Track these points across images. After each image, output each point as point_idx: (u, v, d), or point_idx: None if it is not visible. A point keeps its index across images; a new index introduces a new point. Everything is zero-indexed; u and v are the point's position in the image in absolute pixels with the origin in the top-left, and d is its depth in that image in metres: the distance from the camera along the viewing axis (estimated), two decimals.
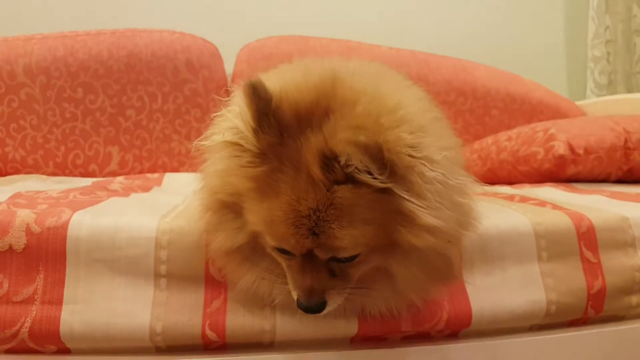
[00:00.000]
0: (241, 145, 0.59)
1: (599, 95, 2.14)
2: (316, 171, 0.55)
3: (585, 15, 2.18)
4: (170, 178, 1.35)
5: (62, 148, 1.52)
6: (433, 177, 0.57)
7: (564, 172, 1.33)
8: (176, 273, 0.71)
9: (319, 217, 0.56)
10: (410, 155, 0.56)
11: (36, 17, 1.79)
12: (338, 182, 0.56)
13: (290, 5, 1.99)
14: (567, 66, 2.28)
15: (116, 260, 0.69)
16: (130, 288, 0.69)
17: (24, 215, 0.69)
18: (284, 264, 0.64)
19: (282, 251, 0.61)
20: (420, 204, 0.56)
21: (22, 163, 1.49)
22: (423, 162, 0.57)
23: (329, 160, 0.54)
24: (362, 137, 0.52)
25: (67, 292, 0.68)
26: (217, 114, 0.66)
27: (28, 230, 0.68)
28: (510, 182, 1.46)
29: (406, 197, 0.56)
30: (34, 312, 0.67)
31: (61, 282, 0.68)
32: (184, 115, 1.60)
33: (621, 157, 1.33)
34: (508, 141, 1.49)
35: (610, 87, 2.14)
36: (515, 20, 2.20)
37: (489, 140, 1.59)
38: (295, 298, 0.62)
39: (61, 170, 1.52)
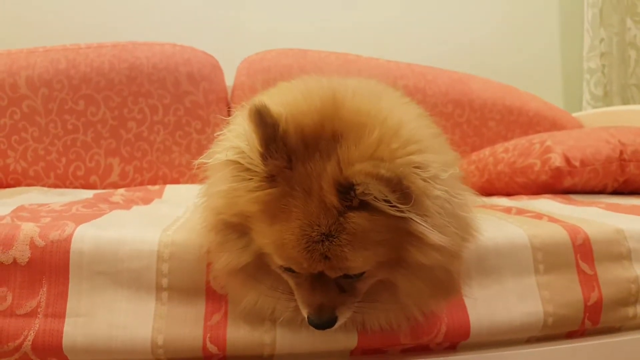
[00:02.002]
0: (245, 167, 0.60)
1: (595, 107, 2.16)
2: (331, 198, 0.56)
3: (580, 28, 2.21)
4: (170, 190, 1.35)
5: (63, 160, 1.53)
6: (439, 195, 0.58)
7: (561, 184, 1.34)
8: (177, 286, 0.72)
9: (331, 242, 0.56)
10: (422, 179, 0.57)
11: (38, 30, 1.81)
12: (352, 208, 0.56)
13: (289, 18, 2.01)
14: (563, 78, 2.31)
15: (118, 273, 0.70)
16: (132, 301, 0.70)
17: (28, 229, 0.70)
18: (291, 282, 0.65)
19: (291, 270, 0.62)
20: (429, 225, 0.57)
21: (23, 174, 1.50)
22: (431, 181, 0.58)
23: (344, 188, 0.55)
24: (384, 171, 0.52)
25: (70, 305, 0.68)
26: (219, 133, 0.67)
27: (32, 244, 0.69)
28: (507, 193, 1.47)
29: (417, 220, 0.57)
30: (37, 325, 0.67)
31: (64, 295, 0.69)
32: (184, 127, 1.61)
33: (617, 168, 1.35)
34: (505, 153, 1.50)
35: (606, 99, 2.16)
36: (511, 33, 2.23)
37: (487, 151, 1.61)
38: (306, 315, 0.63)
39: (62, 181, 1.53)
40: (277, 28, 1.99)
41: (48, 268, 0.69)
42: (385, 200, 0.55)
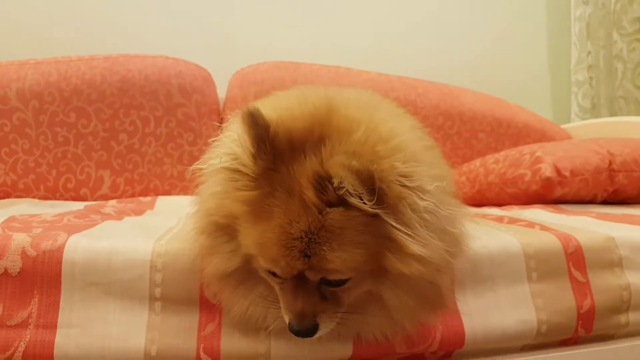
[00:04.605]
0: (238, 170, 0.61)
1: (583, 119, 2.19)
2: (309, 193, 0.56)
3: (567, 41, 2.25)
4: (162, 201, 1.35)
5: (54, 172, 1.51)
6: (424, 207, 0.58)
7: (551, 194, 1.36)
8: (171, 296, 0.71)
9: (310, 239, 0.57)
10: (402, 185, 0.57)
11: (28, 43, 1.80)
12: (330, 205, 0.57)
13: (282, 31, 2.03)
14: (551, 91, 2.34)
15: (111, 283, 0.69)
16: (125, 311, 0.69)
17: (20, 239, 0.69)
18: (276, 288, 0.65)
19: (274, 274, 0.62)
20: (408, 234, 0.57)
21: (12, 187, 1.49)
22: (415, 191, 0.58)
23: (322, 181, 0.56)
24: (355, 163, 0.53)
25: (62, 316, 0.67)
26: (214, 139, 0.68)
27: (24, 254, 0.68)
28: (498, 204, 1.48)
29: (395, 225, 0.57)
30: (28, 337, 0.66)
31: (56, 306, 0.68)
32: (176, 139, 1.61)
33: (606, 179, 1.37)
34: (495, 164, 1.52)
35: (593, 111, 2.19)
36: (500, 48, 2.26)
37: (477, 162, 1.62)
38: (287, 322, 0.63)
39: (52, 194, 1.51)
40: (269, 41, 2.01)
41: (40, 278, 0.68)
42: (360, 197, 0.55)
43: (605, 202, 1.41)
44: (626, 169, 1.37)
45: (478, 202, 1.54)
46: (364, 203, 0.55)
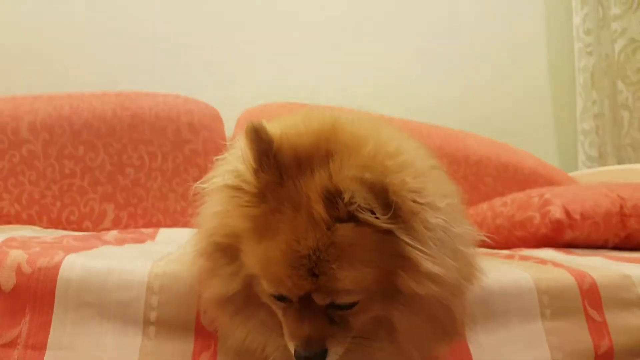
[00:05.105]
0: (240, 187, 0.59)
1: (590, 168, 2.18)
2: (318, 208, 0.55)
3: (573, 90, 2.27)
4: (164, 233, 1.33)
5: (58, 204, 1.51)
6: (436, 224, 0.56)
7: (561, 237, 1.32)
8: (166, 321, 0.68)
9: (319, 257, 0.54)
10: (414, 201, 0.56)
11: (42, 79, 1.84)
12: (340, 220, 0.55)
13: (290, 73, 2.07)
14: (557, 139, 2.34)
15: (106, 304, 0.67)
16: (118, 335, 0.66)
17: (16, 255, 0.68)
18: (279, 313, 0.62)
19: (279, 297, 0.59)
20: (422, 251, 0.55)
21: (16, 217, 1.47)
22: (427, 208, 0.56)
23: (332, 196, 0.54)
24: (369, 175, 0.52)
25: (52, 337, 0.65)
26: (219, 157, 0.67)
27: (19, 270, 0.67)
28: (507, 248, 1.44)
29: (408, 241, 0.55)
30: (15, 357, 0.63)
31: (47, 326, 0.65)
32: (182, 174, 1.61)
33: (617, 223, 1.34)
34: (503, 207, 1.50)
35: (601, 160, 2.18)
36: (505, 98, 2.28)
37: (484, 206, 1.60)
38: (293, 350, 0.59)
39: (54, 226, 1.49)
40: (276, 82, 2.04)
41: (33, 296, 0.66)
42: (372, 212, 0.53)
43: (617, 248, 1.37)
44: (638, 213, 1.34)
45: (487, 246, 1.50)
46: (377, 218, 0.53)
